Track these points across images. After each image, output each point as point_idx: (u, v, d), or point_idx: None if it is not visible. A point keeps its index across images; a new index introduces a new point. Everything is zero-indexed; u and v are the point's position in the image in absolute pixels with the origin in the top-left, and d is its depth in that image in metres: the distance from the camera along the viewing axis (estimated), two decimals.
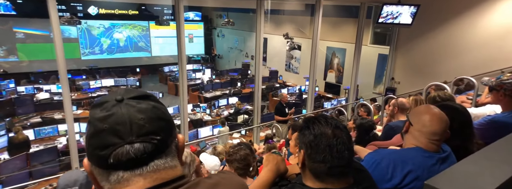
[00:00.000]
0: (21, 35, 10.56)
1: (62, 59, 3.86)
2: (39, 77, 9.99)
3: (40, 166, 4.82)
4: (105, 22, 12.40)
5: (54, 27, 3.75)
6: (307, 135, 0.87)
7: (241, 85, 10.75)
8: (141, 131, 0.52)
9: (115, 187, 0.53)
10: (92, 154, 0.53)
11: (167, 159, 0.55)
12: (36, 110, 7.33)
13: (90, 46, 12.35)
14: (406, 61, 6.68)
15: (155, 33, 13.70)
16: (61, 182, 1.55)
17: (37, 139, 5.99)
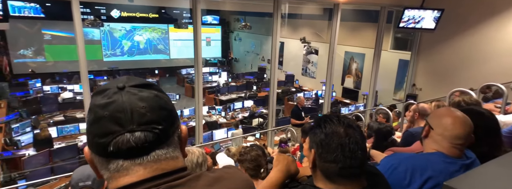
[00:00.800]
0: (48, 37, 11.08)
1: (84, 60, 4.00)
2: (64, 77, 10.41)
3: (61, 162, 4.99)
4: (126, 25, 12.81)
5: (77, 29, 3.90)
6: (318, 134, 0.83)
7: (256, 88, 10.76)
8: (142, 119, 0.50)
9: (114, 176, 0.52)
10: (92, 142, 0.52)
11: (168, 150, 0.53)
12: (60, 109, 7.62)
13: (112, 48, 12.77)
14: (428, 67, 6.46)
15: (174, 36, 14.00)
16: (75, 177, 1.59)
17: (59, 136, 6.22)
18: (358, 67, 9.64)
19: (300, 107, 6.33)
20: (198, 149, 1.68)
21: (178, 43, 14.20)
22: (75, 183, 1.59)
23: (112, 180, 0.52)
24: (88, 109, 0.53)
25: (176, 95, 9.27)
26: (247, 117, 8.29)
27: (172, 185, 0.51)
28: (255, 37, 13.63)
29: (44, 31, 10.99)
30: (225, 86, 10.79)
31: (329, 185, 0.83)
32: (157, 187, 0.50)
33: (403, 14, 5.62)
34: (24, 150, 5.54)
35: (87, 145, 0.55)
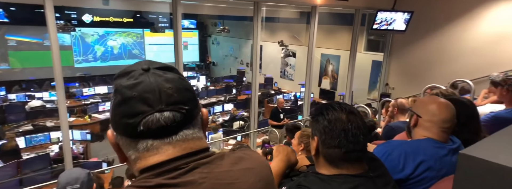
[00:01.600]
0: (13, 43, 10.44)
1: (59, 67, 3.81)
2: (31, 85, 9.83)
3: (32, 173, 4.68)
4: (99, 30, 12.36)
5: (51, 34, 3.71)
6: (321, 121, 0.86)
7: (236, 92, 10.75)
8: (169, 99, 0.52)
9: (143, 155, 0.53)
10: (119, 123, 0.52)
11: (194, 130, 0.55)
12: (28, 118, 7.17)
13: (83, 53, 12.26)
14: (400, 67, 6.78)
15: (149, 41, 13.70)
16: (62, 180, 1.53)
17: (28, 147, 5.84)
18: (334, 69, 9.92)
19: (280, 108, 6.40)
20: None
21: (154, 48, 13.90)
22: (62, 187, 1.52)
23: (141, 159, 0.53)
24: (113, 91, 0.54)
25: None
26: (227, 120, 8.24)
27: (200, 163, 0.53)
28: (234, 41, 13.67)
29: (8, 37, 10.35)
30: (204, 90, 10.69)
31: (332, 170, 0.86)
32: (187, 164, 0.52)
33: (376, 16, 5.88)
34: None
35: (112, 127, 0.56)
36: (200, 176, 0.52)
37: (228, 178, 0.54)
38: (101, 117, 7.85)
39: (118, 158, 0.60)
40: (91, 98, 9.20)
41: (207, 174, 0.53)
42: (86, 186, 1.57)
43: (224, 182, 0.53)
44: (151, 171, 0.52)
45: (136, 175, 0.56)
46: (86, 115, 7.65)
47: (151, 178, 0.51)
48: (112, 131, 0.57)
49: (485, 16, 5.41)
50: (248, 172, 0.57)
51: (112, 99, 0.54)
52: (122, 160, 0.59)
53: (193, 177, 0.51)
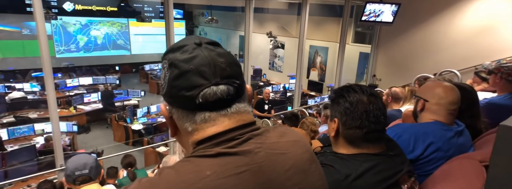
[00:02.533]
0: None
1: (47, 57, 3.66)
2: (10, 76, 9.40)
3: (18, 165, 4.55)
4: (81, 19, 11.89)
5: (39, 23, 3.54)
6: (342, 103, 0.89)
7: None
8: (223, 73, 0.54)
9: (201, 126, 0.55)
10: (176, 96, 0.54)
11: (245, 103, 0.58)
12: (8, 109, 6.90)
13: (65, 43, 11.78)
14: (387, 58, 6.95)
15: (134, 31, 13.31)
16: (70, 166, 1.52)
17: (11, 138, 5.65)
18: (322, 61, 10.04)
19: (265, 99, 6.45)
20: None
21: (139, 38, 13.53)
22: (71, 173, 1.51)
23: (198, 131, 0.55)
24: (168, 65, 0.55)
25: (141, 92, 8.89)
26: None
27: (253, 134, 0.56)
28: (222, 32, 13.50)
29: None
30: None
31: (352, 149, 0.89)
32: (242, 135, 0.55)
33: (365, 8, 5.96)
34: None
35: (166, 101, 0.58)
36: (255, 146, 0.55)
37: (279, 148, 0.57)
38: (86, 108, 7.65)
39: (170, 131, 0.62)
40: (75, 89, 8.92)
41: (261, 145, 0.55)
42: (94, 171, 1.57)
43: (277, 152, 0.56)
44: (210, 141, 0.54)
45: (190, 147, 0.57)
46: (70, 107, 7.44)
47: (211, 148, 0.54)
48: (165, 105, 0.59)
49: (467, 10, 5.62)
50: (294, 144, 0.60)
51: (166, 72, 0.55)
52: (173, 133, 0.61)
53: (249, 146, 0.54)
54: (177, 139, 0.63)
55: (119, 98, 8.33)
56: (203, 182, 0.49)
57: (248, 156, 0.53)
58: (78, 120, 6.92)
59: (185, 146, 0.61)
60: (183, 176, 0.50)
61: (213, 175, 0.50)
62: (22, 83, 8.35)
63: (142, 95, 8.87)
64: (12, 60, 10.17)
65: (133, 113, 7.10)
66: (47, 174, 4.17)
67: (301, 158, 0.59)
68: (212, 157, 0.52)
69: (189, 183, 0.49)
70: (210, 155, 0.53)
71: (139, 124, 6.93)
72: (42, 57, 3.64)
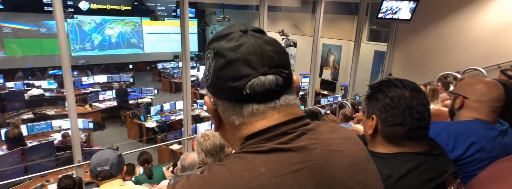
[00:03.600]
0: (8, 30, 10.18)
1: (66, 55, 3.71)
2: (29, 73, 9.67)
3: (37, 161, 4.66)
4: (96, 18, 12.10)
5: (59, 21, 3.58)
6: (382, 99, 0.83)
7: None
8: (271, 62, 0.50)
9: (249, 120, 0.51)
10: (222, 87, 0.51)
11: (294, 95, 0.54)
12: (28, 106, 7.09)
13: (81, 42, 12.03)
14: (404, 57, 6.79)
15: (147, 30, 13.48)
16: (93, 161, 1.54)
17: (30, 134, 5.80)
18: (336, 59, 9.90)
19: None
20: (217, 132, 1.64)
21: (152, 37, 13.69)
22: (93, 168, 1.52)
23: (246, 125, 0.52)
24: (213, 54, 0.51)
25: (154, 90, 8.98)
26: None
27: (306, 129, 0.52)
28: None
29: (3, 24, 10.07)
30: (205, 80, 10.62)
31: (392, 148, 0.84)
32: (294, 130, 0.51)
33: (382, 5, 5.82)
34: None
35: (211, 92, 0.54)
36: (310, 141, 0.51)
37: (335, 145, 0.53)
38: (101, 106, 7.78)
39: (214, 125, 0.59)
40: (91, 87, 9.09)
41: (316, 140, 0.51)
42: (115, 168, 1.57)
43: (333, 149, 0.52)
44: (260, 136, 0.51)
45: (236, 142, 0.54)
46: (86, 104, 7.58)
47: (262, 143, 0.50)
48: (210, 97, 0.55)
49: (490, 6, 5.41)
50: (348, 141, 0.56)
51: (210, 62, 0.52)
52: (217, 127, 0.57)
53: (304, 142, 0.50)
54: (221, 134, 0.60)
55: (133, 96, 8.43)
56: (259, 180, 0.46)
57: (304, 153, 0.49)
58: (93, 117, 7.05)
59: (230, 141, 0.58)
60: (237, 174, 0.47)
61: (268, 173, 0.46)
62: (40, 81, 8.57)
63: (155, 93, 8.96)
64: (31, 58, 10.46)
65: (147, 110, 7.18)
66: (65, 169, 4.26)
67: (359, 156, 0.55)
68: (265, 153, 0.49)
69: (245, 181, 0.46)
70: (262, 151, 0.49)
71: (153, 122, 7.00)
72: (62, 56, 3.70)
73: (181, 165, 2.44)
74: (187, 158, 2.44)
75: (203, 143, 1.57)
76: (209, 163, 1.59)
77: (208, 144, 1.55)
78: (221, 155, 1.59)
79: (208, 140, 1.57)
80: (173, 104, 7.83)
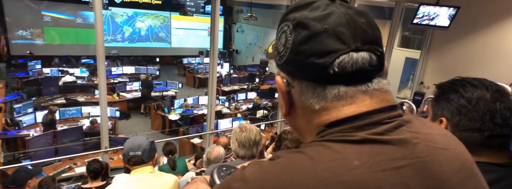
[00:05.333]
0: (48, 19, 10.76)
1: (102, 45, 3.84)
2: (64, 61, 10.18)
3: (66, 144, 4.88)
4: (128, 10, 12.53)
5: (97, 12, 3.71)
6: (455, 100, 0.75)
7: (259, 81, 10.70)
8: (365, 36, 0.42)
9: (333, 104, 0.43)
10: (302, 64, 0.43)
11: (387, 80, 0.46)
12: (61, 92, 7.45)
13: (112, 33, 12.50)
14: (438, 65, 6.49)
15: (175, 25, 13.78)
16: (127, 146, 1.57)
17: (61, 119, 6.08)
18: None
19: None
20: (255, 127, 1.64)
21: (180, 32, 13.98)
22: (126, 152, 1.56)
23: (329, 110, 0.44)
24: (293, 25, 0.44)
25: (179, 83, 9.16)
26: (251, 108, 8.25)
27: (404, 120, 0.44)
28: (259, 29, 13.51)
29: (44, 13, 10.66)
30: (228, 77, 10.71)
31: None
32: (391, 119, 0.43)
33: (418, 10, 5.59)
34: (25, 130, 5.40)
35: (286, 71, 0.47)
36: (411, 135, 0.42)
37: (438, 142, 0.44)
38: (128, 96, 8.04)
39: (280, 109, 0.52)
40: (119, 77, 9.42)
41: (417, 134, 0.43)
42: (147, 154, 1.60)
43: (437, 146, 0.44)
44: (347, 123, 0.43)
45: (311, 130, 0.46)
46: (114, 93, 7.85)
47: (351, 132, 0.42)
48: (283, 77, 0.47)
49: None
50: (450, 139, 0.48)
51: (288, 36, 0.44)
52: (287, 112, 0.49)
53: (404, 135, 0.42)
54: (289, 120, 0.51)
55: (158, 88, 8.65)
56: (353, 174, 0.38)
57: (406, 148, 0.41)
58: (120, 106, 7.29)
59: (301, 129, 0.49)
60: (323, 164, 0.39)
61: (364, 167, 0.39)
62: (73, 69, 8.99)
63: (180, 87, 9.14)
64: (67, 47, 11.01)
65: (171, 103, 7.33)
66: (92, 154, 4.44)
67: (467, 157, 0.47)
68: (357, 143, 0.41)
69: (335, 173, 0.38)
70: (353, 141, 0.41)
71: (176, 115, 7.14)
72: (97, 46, 3.83)
73: (206, 157, 2.48)
74: (213, 152, 2.47)
75: (238, 133, 1.59)
76: (241, 154, 1.59)
77: (243, 136, 1.57)
78: (253, 150, 1.59)
79: (244, 132, 1.58)
80: (196, 98, 7.95)
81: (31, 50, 10.22)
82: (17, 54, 9.94)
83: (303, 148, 0.43)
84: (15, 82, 8.14)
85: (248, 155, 1.60)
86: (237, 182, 0.43)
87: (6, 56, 9.59)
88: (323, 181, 0.38)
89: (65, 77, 8.04)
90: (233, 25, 15.08)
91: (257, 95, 8.78)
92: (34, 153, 4.45)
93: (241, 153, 1.60)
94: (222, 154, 2.46)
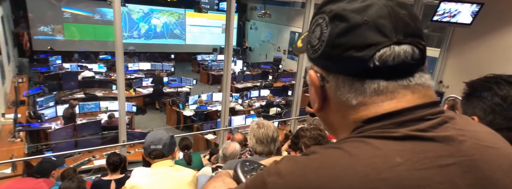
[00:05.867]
0: (68, 15, 11.07)
1: (120, 41, 3.92)
2: (83, 56, 10.47)
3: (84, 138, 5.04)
4: (144, 7, 12.72)
5: (116, 9, 3.79)
6: (488, 98, 0.73)
7: (272, 78, 10.68)
8: (407, 29, 0.41)
9: (372, 99, 0.42)
10: (340, 57, 0.42)
11: (428, 75, 0.44)
12: (80, 86, 7.68)
13: (129, 30, 12.73)
14: (458, 64, 6.29)
15: (190, 22, 13.89)
16: (148, 139, 1.61)
17: (80, 113, 6.28)
18: None
19: None
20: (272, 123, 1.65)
21: (194, 29, 14.10)
22: (147, 146, 1.59)
23: (367, 105, 0.42)
24: (329, 18, 0.42)
25: (193, 80, 9.26)
26: (264, 105, 8.25)
27: (448, 117, 0.42)
28: (272, 26, 13.45)
29: (64, 9, 10.97)
30: (241, 74, 10.74)
31: None
32: (434, 116, 0.41)
33: (439, 6, 5.43)
34: (47, 123, 5.60)
35: (322, 65, 0.45)
36: (456, 132, 0.41)
37: (486, 140, 0.43)
38: (144, 91, 8.20)
39: (312, 105, 0.49)
40: (135, 73, 9.61)
41: (462, 132, 0.41)
42: (167, 148, 1.63)
43: (485, 145, 0.42)
44: (387, 119, 0.41)
45: (347, 126, 0.45)
46: (131, 88, 8.03)
47: (392, 128, 0.40)
48: (317, 70, 0.46)
49: None
50: (496, 137, 0.46)
51: (324, 29, 0.43)
52: (319, 107, 0.47)
53: (449, 132, 0.40)
54: (321, 116, 0.49)
55: (173, 84, 8.78)
56: (396, 171, 0.37)
57: (452, 145, 0.40)
58: (136, 102, 7.45)
59: (334, 126, 0.48)
60: (363, 160, 0.38)
61: (407, 164, 0.38)
62: (92, 64, 9.23)
63: (194, 83, 9.25)
64: (86, 42, 11.32)
65: (186, 99, 7.43)
66: (110, 147, 4.57)
67: None
68: (399, 140, 0.39)
69: (377, 170, 0.37)
70: (395, 137, 0.40)
71: (190, 111, 7.24)
72: (116, 42, 3.91)
73: (222, 153, 2.50)
74: (229, 147, 2.49)
75: (256, 129, 1.60)
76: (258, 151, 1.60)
77: (260, 132, 1.58)
78: (271, 146, 1.60)
79: (261, 128, 1.59)
80: (210, 95, 8.02)
81: (52, 46, 10.57)
82: (39, 50, 10.30)
83: (340, 144, 0.42)
84: (37, 76, 8.45)
85: (266, 151, 1.61)
86: (272, 176, 0.42)
87: (28, 51, 9.95)
88: (364, 178, 0.37)
89: (84, 72, 8.28)
90: (246, 22, 15.07)
91: (270, 92, 8.77)
92: (56, 145, 4.62)
93: (259, 149, 1.61)
94: (238, 150, 2.48)
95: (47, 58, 9.21)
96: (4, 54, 6.51)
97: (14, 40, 9.27)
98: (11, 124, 4.96)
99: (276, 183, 0.41)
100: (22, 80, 7.34)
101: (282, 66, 12.32)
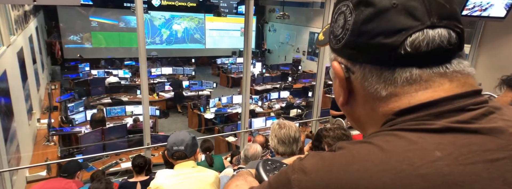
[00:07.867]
0: (95, 24, 11.63)
1: (143, 48, 4.03)
2: (109, 63, 10.93)
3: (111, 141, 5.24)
4: (166, 14, 13.10)
5: (139, 17, 3.91)
6: None
7: (292, 80, 10.61)
8: (442, 11, 0.37)
9: (404, 89, 0.38)
10: (367, 45, 0.38)
11: (467, 61, 0.40)
12: (107, 92, 8.01)
13: (151, 36, 13.16)
14: (491, 60, 5.92)
15: (209, 26, 14.14)
16: (170, 140, 1.64)
17: (107, 117, 6.54)
18: None
19: None
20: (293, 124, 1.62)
21: (213, 33, 14.33)
22: (170, 147, 1.62)
23: (399, 96, 0.39)
24: (353, 4, 0.40)
25: (213, 83, 9.39)
26: (284, 107, 8.20)
27: (494, 107, 0.38)
28: (291, 28, 13.38)
29: (92, 18, 11.54)
30: (260, 76, 10.75)
31: None
32: (476, 106, 0.37)
33: (468, 0, 5.15)
34: (78, 127, 5.88)
35: (347, 54, 0.42)
36: (505, 123, 0.36)
37: None
38: (167, 95, 8.41)
39: (336, 99, 0.46)
40: (158, 78, 9.89)
41: None
42: (190, 149, 1.65)
43: None
44: (422, 111, 0.37)
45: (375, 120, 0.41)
46: (154, 93, 8.26)
47: (428, 120, 0.37)
48: (341, 61, 0.42)
49: None
50: None
51: (347, 16, 0.40)
52: (345, 100, 0.44)
53: (496, 123, 0.36)
54: (347, 110, 0.46)
55: (194, 88, 8.94)
56: (436, 166, 0.33)
57: (501, 138, 0.35)
58: (159, 105, 7.66)
59: (361, 120, 0.44)
60: (397, 155, 0.34)
61: (448, 158, 0.34)
62: (117, 70, 9.62)
63: (214, 86, 9.37)
64: (112, 49, 11.83)
65: (207, 102, 7.54)
66: (135, 150, 4.71)
67: None
68: (437, 132, 0.35)
69: (412, 165, 0.33)
70: (432, 130, 0.36)
71: (211, 113, 7.33)
72: (140, 48, 4.03)
73: (244, 154, 2.50)
74: (250, 149, 2.49)
75: (277, 130, 1.58)
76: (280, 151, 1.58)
77: (282, 132, 1.56)
78: (293, 146, 1.57)
79: (283, 129, 1.57)
80: (230, 97, 8.09)
81: (81, 54, 11.13)
82: (69, 58, 10.89)
83: (370, 138, 0.38)
84: (68, 83, 8.93)
85: (288, 152, 1.58)
86: (296, 173, 0.39)
87: (60, 59, 10.54)
88: (398, 174, 0.33)
89: (109, 78, 8.63)
90: (265, 24, 15.09)
91: (290, 94, 8.71)
92: (86, 148, 4.83)
93: (281, 149, 1.59)
94: (259, 151, 2.47)
95: (76, 65, 9.71)
96: (39, 62, 6.93)
97: (47, 49, 9.86)
98: (45, 128, 5.25)
99: (301, 180, 0.38)
100: (55, 87, 7.77)
101: (301, 68, 12.20)
